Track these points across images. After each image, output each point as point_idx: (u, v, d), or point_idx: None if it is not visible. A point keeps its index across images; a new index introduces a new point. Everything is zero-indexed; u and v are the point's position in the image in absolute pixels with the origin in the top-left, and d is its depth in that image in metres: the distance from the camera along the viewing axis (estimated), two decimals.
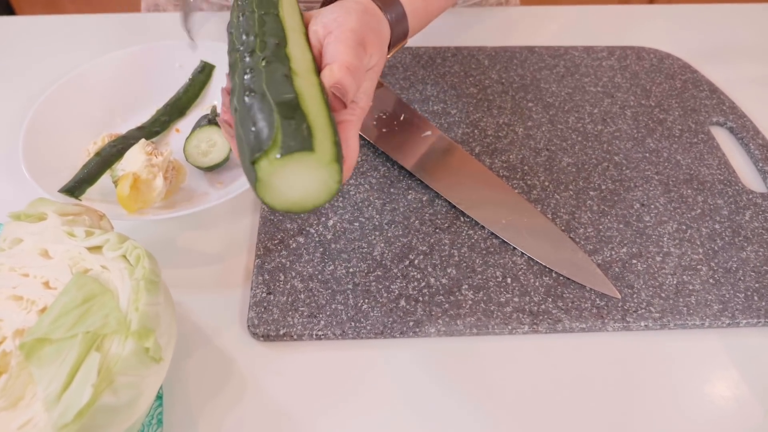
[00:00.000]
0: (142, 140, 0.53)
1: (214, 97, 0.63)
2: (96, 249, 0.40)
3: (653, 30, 0.77)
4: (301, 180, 0.34)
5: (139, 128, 0.58)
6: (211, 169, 0.55)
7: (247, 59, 0.39)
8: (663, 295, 0.48)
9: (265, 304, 0.46)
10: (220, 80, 0.63)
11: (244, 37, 0.41)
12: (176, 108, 0.59)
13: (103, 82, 0.60)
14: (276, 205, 0.35)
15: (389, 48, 0.48)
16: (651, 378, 0.45)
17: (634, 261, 0.50)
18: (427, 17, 0.53)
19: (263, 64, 0.38)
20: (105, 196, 0.53)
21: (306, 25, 0.44)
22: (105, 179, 0.54)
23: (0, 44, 0.71)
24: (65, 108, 0.57)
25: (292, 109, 0.35)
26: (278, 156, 0.33)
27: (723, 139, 0.63)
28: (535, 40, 0.73)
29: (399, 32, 0.48)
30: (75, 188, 0.51)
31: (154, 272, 0.38)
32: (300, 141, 0.33)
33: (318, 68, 0.41)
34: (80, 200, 0.51)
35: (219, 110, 0.59)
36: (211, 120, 0.57)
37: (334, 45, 0.41)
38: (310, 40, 0.43)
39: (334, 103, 0.39)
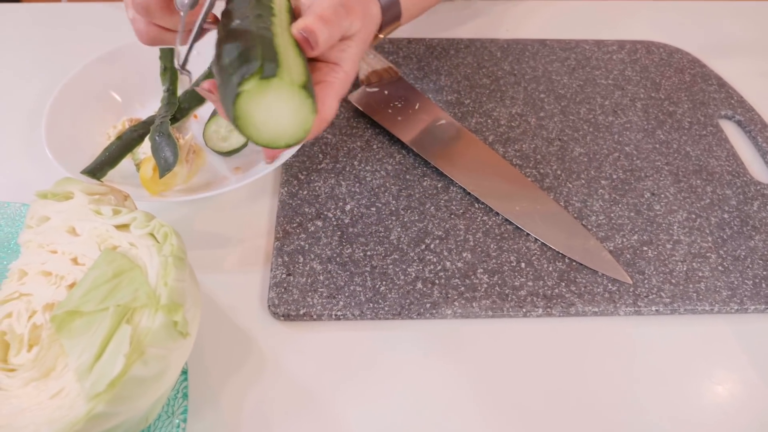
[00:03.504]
0: None
1: None
2: (123, 227, 0.40)
3: (663, 25, 0.78)
4: (275, 109, 0.36)
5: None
6: (230, 154, 0.56)
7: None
8: (673, 281, 0.49)
9: (285, 285, 0.47)
10: None
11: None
12: (195, 95, 0.60)
13: (123, 68, 0.61)
14: (258, 140, 0.37)
15: (382, 28, 0.50)
16: (661, 361, 0.46)
17: (645, 248, 0.51)
18: (424, 1, 0.54)
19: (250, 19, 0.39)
20: (126, 179, 0.54)
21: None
22: (125, 163, 0.55)
23: (24, 29, 0.72)
24: (86, 92, 0.58)
25: (266, 45, 0.37)
26: (253, 82, 0.35)
27: (731, 132, 0.64)
28: (547, 33, 0.74)
29: (391, 13, 0.49)
30: (97, 170, 0.52)
31: (181, 249, 0.39)
32: (269, 69, 0.35)
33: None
34: (101, 182, 0.52)
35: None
36: None
37: (317, 3, 0.42)
38: (299, 9, 0.44)
39: (302, 45, 0.40)
